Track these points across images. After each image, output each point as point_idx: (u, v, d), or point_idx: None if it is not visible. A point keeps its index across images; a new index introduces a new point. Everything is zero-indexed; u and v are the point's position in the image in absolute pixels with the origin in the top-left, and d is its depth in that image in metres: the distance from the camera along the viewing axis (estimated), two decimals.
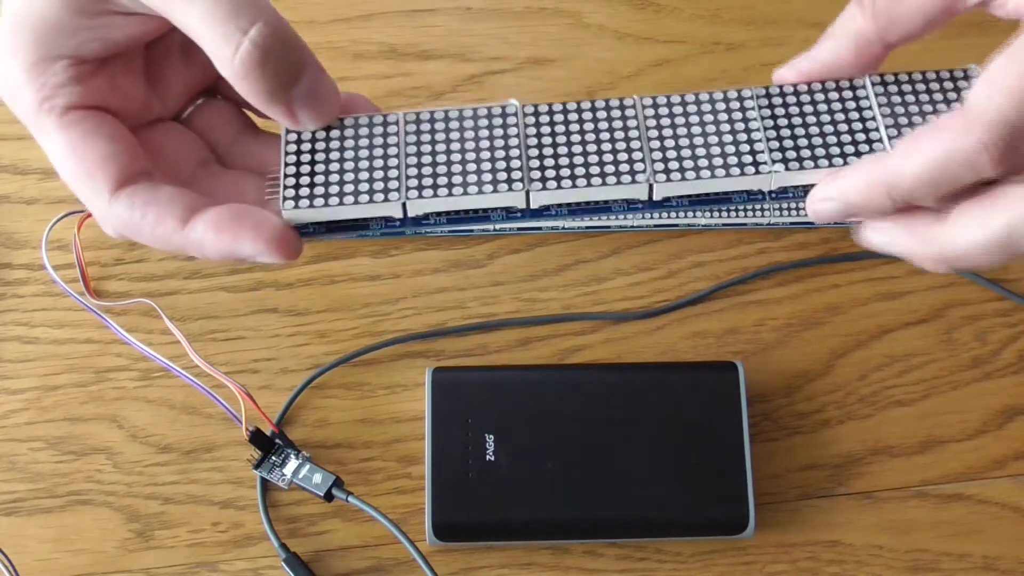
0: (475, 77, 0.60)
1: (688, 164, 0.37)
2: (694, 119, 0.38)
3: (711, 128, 0.38)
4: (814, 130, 0.38)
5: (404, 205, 0.37)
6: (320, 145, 0.38)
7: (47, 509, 0.52)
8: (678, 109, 0.38)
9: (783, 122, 0.38)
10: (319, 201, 0.37)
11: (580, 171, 0.37)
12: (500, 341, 0.55)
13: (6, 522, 0.52)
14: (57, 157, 0.36)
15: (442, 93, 0.60)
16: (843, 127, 0.38)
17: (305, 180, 0.38)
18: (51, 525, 0.52)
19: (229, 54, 0.34)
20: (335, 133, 0.38)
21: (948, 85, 0.38)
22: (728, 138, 0.38)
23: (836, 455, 0.53)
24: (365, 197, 0.37)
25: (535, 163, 0.37)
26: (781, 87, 0.39)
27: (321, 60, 0.60)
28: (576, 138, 0.38)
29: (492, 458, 0.51)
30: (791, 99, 0.38)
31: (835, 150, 0.37)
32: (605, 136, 0.38)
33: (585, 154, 0.37)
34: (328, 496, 0.50)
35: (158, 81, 0.40)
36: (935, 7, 0.36)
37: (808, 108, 0.38)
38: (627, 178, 0.37)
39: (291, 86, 0.36)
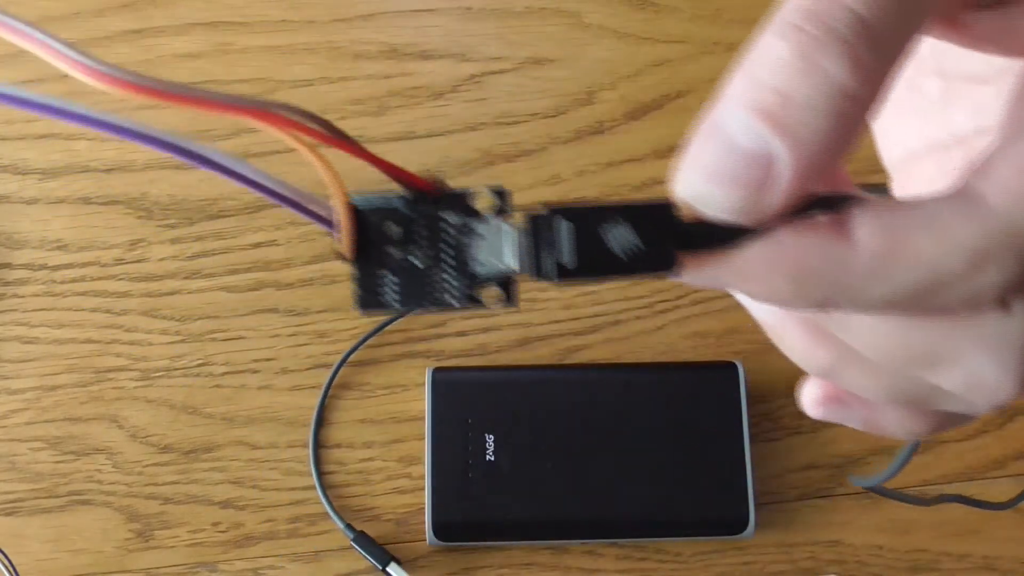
0: (475, 77, 0.60)
1: None
2: None
3: None
4: None
5: None
6: None
7: (47, 509, 0.52)
8: None
9: None
10: None
11: None
12: (500, 341, 0.55)
13: (6, 522, 0.52)
14: None
15: (442, 93, 0.60)
16: None
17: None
18: (51, 525, 0.52)
19: None
20: None
21: None
22: None
23: (836, 455, 0.53)
24: None
25: None
26: None
27: (321, 60, 0.60)
28: None
29: (492, 458, 0.51)
30: None
31: None
32: None
33: None
34: None
35: None
36: None
37: None
38: None
39: None
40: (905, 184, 0.29)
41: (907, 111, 0.28)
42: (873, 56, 0.19)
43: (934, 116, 0.28)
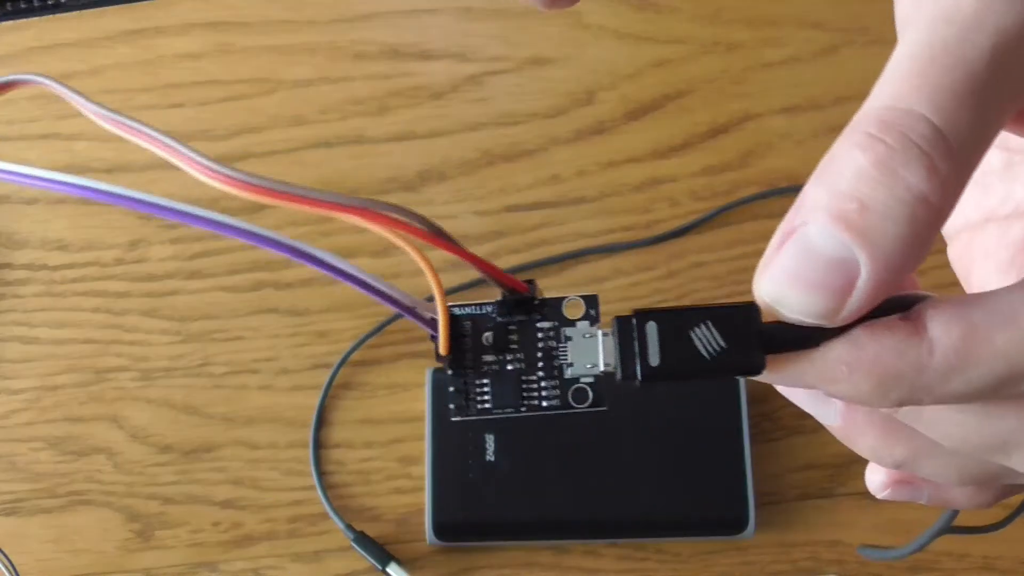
0: (475, 77, 0.60)
1: None
2: None
3: None
4: None
5: None
6: None
7: (47, 509, 0.52)
8: None
9: None
10: None
11: None
12: None
13: (6, 522, 0.52)
14: None
15: (442, 93, 0.60)
16: None
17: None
18: (51, 525, 0.52)
19: None
20: None
21: None
22: None
23: (836, 455, 0.53)
24: None
25: None
26: None
27: (321, 60, 0.60)
28: None
29: (492, 458, 0.51)
30: None
31: None
32: None
33: None
34: None
35: None
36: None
37: None
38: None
39: None
40: (962, 253, 0.29)
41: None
42: (949, 166, 0.19)
43: (995, 187, 0.28)
